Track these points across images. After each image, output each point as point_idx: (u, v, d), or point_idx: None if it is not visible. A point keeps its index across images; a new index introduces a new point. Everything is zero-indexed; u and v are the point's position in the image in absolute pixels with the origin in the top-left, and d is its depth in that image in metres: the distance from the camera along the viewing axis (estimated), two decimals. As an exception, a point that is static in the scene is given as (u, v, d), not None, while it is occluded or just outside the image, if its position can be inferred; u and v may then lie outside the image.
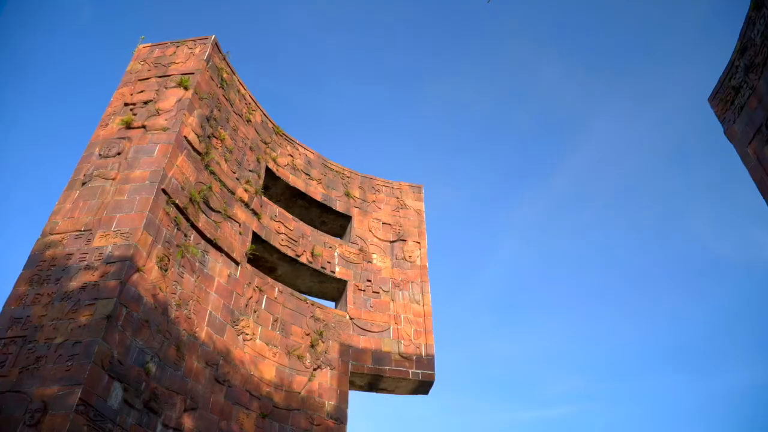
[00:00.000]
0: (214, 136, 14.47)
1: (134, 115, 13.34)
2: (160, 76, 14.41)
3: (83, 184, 11.84)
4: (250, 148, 15.97)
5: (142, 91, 14.03)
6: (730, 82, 14.10)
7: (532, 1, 46.86)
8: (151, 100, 13.71)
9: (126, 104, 13.67)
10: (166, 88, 14.05)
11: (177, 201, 12.24)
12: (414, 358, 15.73)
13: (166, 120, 13.18)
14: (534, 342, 50.83)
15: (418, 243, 18.61)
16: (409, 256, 18.08)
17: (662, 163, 51.06)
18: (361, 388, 15.54)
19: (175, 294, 11.46)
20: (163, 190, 11.92)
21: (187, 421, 10.54)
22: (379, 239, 18.08)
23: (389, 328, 16.08)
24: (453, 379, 49.24)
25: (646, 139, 51.10)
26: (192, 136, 13.41)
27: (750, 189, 13.52)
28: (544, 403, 47.67)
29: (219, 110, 15.09)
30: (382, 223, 18.58)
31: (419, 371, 15.56)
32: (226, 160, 14.66)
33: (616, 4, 48.57)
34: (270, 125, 17.64)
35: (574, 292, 52.72)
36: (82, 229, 10.95)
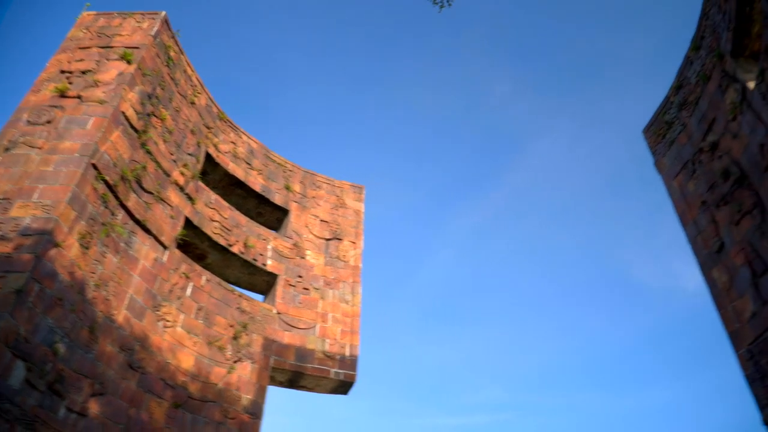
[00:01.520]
0: (154, 115, 14.03)
1: (70, 83, 12.78)
2: (102, 47, 13.87)
3: (6, 150, 11.26)
4: (192, 131, 15.58)
5: (81, 60, 13.46)
6: (664, 116, 14.74)
7: (491, 18, 47.71)
8: (90, 71, 13.18)
9: (62, 71, 13.09)
10: (107, 59, 13.54)
11: (107, 177, 11.80)
12: (338, 357, 15.72)
13: (104, 93, 12.69)
14: (459, 350, 51.78)
15: (354, 243, 18.61)
16: (344, 256, 18.06)
17: (598, 188, 52.96)
18: (281, 384, 15.41)
19: (94, 273, 11.04)
20: (93, 165, 11.47)
21: (93, 407, 10.17)
22: (315, 236, 17.99)
23: (316, 325, 16.02)
24: (376, 381, 49.56)
25: (585, 163, 52.89)
26: (130, 113, 12.97)
27: (674, 220, 14.16)
28: (463, 411, 48.64)
29: (162, 89, 14.65)
30: (320, 220, 18.49)
31: (341, 371, 15.56)
32: (164, 141, 14.25)
33: (567, 31, 50.06)
34: (215, 110, 17.27)
35: (502, 304, 54.00)
36: (0, 197, 10.41)
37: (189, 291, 13.70)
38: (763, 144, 10.97)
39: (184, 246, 14.62)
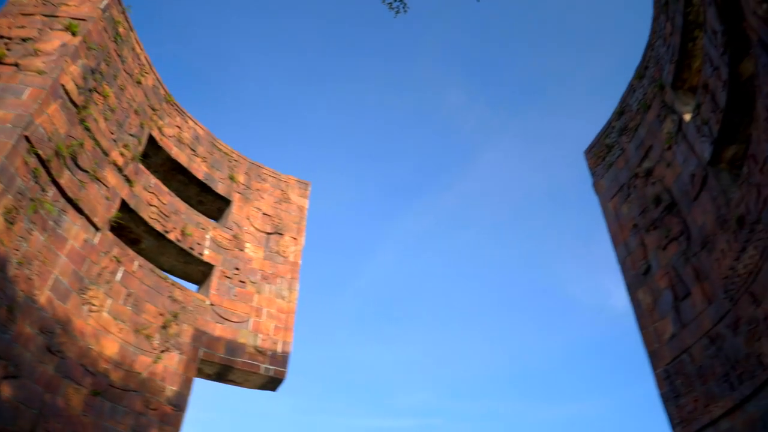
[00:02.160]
0: (96, 91, 13.52)
1: (8, 50, 12.18)
2: (46, 15, 13.27)
3: (-69, 113, 10.63)
4: (135, 112, 15.10)
5: (22, 27, 12.84)
6: (606, 140, 15.25)
7: (447, 28, 48.27)
8: (31, 39, 12.59)
9: (1, 37, 12.46)
10: (51, 29, 12.96)
11: (40, 152, 11.29)
12: (269, 353, 15.54)
13: (44, 63, 12.14)
14: (395, 352, 52.10)
15: (295, 239, 18.46)
16: (284, 251, 17.88)
17: (539, 203, 54.35)
18: (208, 377, 15.11)
19: (18, 251, 10.54)
20: (26, 138, 10.94)
21: (6, 389, 9.70)
22: (256, 229, 17.74)
23: (249, 320, 15.79)
24: (308, 378, 49.29)
25: (530, 178, 54.18)
26: (71, 86, 12.45)
27: (608, 240, 14.66)
28: (392, 413, 48.96)
29: (108, 65, 14.14)
30: (262, 213, 18.24)
31: (272, 367, 15.40)
32: (105, 119, 13.75)
33: (521, 49, 51.18)
34: (162, 92, 16.79)
35: (440, 308, 54.62)
36: None
37: (119, 276, 13.26)
38: (694, 174, 11.49)
39: (118, 229, 14.16)
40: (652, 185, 12.98)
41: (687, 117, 11.95)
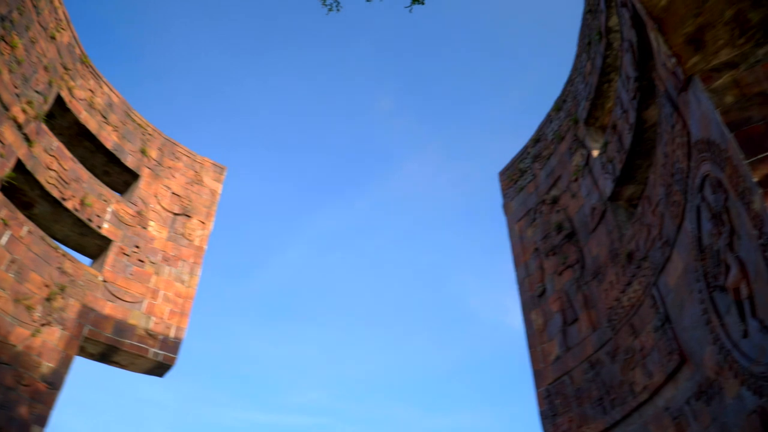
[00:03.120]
0: (4, 40, 12.60)
1: None
2: (-44, -50, 12.25)
3: None
4: (45, 68, 14.18)
5: (-74, -42, 11.80)
6: (520, 164, 15.84)
7: (380, 35, 48.69)
8: (-66, -28, 11.58)
9: None
10: (-41, -35, 11.98)
11: (-71, 96, 10.39)
12: (160, 337, 15.00)
13: (-54, 1, 11.20)
14: (288, 349, 51.72)
15: (203, 223, 17.95)
16: (189, 234, 17.34)
17: (452, 217, 55.73)
18: (91, 357, 14.38)
19: None
20: None
21: None
22: (163, 208, 17.10)
23: (143, 301, 15.18)
24: (199, 367, 48.03)
25: (445, 192, 55.45)
26: (-25, 31, 11.55)
27: (510, 260, 15.21)
28: (282, 410, 48.57)
29: (21, 14, 13.21)
30: (172, 193, 17.62)
31: (161, 352, 14.87)
32: (10, 71, 12.83)
33: (453, 66, 52.40)
34: (77, 52, 15.88)
35: (340, 311, 54.78)
36: None
37: (4, 240, 12.39)
38: (595, 208, 12.15)
39: (9, 190, 13.24)
40: (556, 213, 13.60)
41: (595, 153, 12.63)
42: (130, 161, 16.78)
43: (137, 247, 15.78)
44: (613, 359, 10.55)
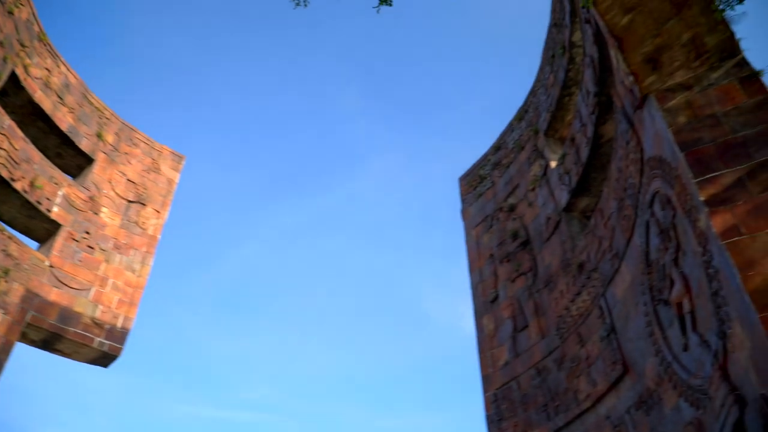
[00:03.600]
0: (-43, 11, 12.13)
1: None
2: None
3: None
4: (0, 43, 13.68)
5: None
6: (480, 171, 16.03)
7: (347, 31, 48.72)
8: None
9: None
10: None
11: None
12: (107, 327, 14.62)
13: None
14: (239, 344, 51.11)
15: (158, 212, 17.59)
16: (143, 223, 16.96)
17: (412, 218, 56.06)
18: (33, 343, 13.91)
19: None
20: None
21: None
22: (117, 194, 16.68)
23: (91, 288, 14.77)
24: (148, 359, 47.11)
25: (407, 194, 55.75)
26: (-74, -1, 11.06)
27: (465, 265, 15.35)
28: (229, 405, 47.93)
29: (-24, -15, 12.73)
30: (127, 179, 17.20)
31: (107, 342, 14.49)
32: (-38, 44, 12.34)
33: (419, 69, 52.78)
34: (36, 28, 15.37)
35: (293, 308, 54.50)
36: None
37: (-54, 218, 11.90)
38: (550, 217, 12.39)
39: (-46, 167, 12.72)
40: (513, 221, 13.82)
41: (553, 164, 12.88)
42: (84, 144, 16.32)
43: (88, 233, 15.35)
44: (560, 367, 10.78)
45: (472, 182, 16.27)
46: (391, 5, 7.29)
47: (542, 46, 13.99)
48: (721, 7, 6.85)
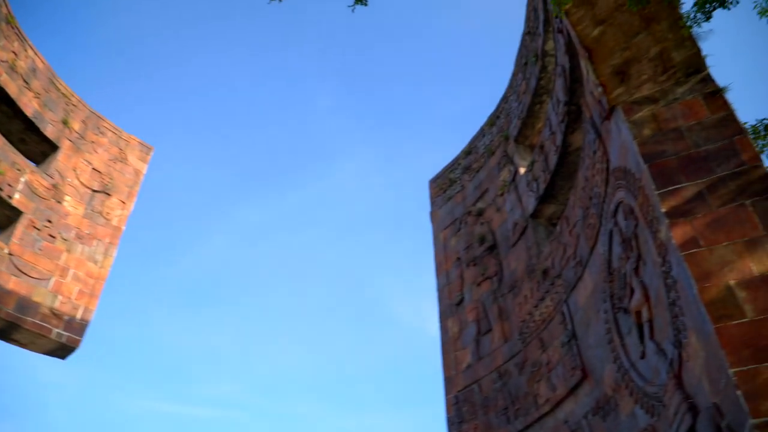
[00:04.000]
0: None
1: None
2: None
3: None
4: (-36, 23, 13.30)
5: None
6: (450, 174, 16.13)
7: (322, 32, 48.63)
8: None
9: None
10: None
11: None
12: (66, 318, 14.31)
13: None
14: (202, 340, 50.48)
15: (124, 203, 17.27)
16: (108, 213, 16.64)
17: (381, 220, 56.19)
18: (-13, 333, 13.55)
19: None
20: None
21: None
22: (81, 183, 16.33)
23: (51, 278, 14.43)
24: (109, 352, 46.23)
25: (377, 194, 55.83)
26: None
27: (433, 267, 15.43)
28: (191, 401, 47.31)
29: (-59, -38, 12.34)
30: (92, 168, 16.86)
31: (66, 333, 14.19)
32: (-76, 21, 11.96)
33: (394, 70, 52.93)
34: (4, 11, 14.96)
35: (260, 304, 54.06)
36: None
37: None
38: (517, 223, 12.53)
39: None
40: (480, 225, 13.94)
41: (522, 170, 13.03)
42: (49, 131, 15.94)
43: (49, 221, 15.00)
44: (521, 371, 10.91)
45: (442, 185, 16.36)
46: (366, 5, 7.30)
47: (516, 53, 14.14)
48: (688, 23, 7.02)
